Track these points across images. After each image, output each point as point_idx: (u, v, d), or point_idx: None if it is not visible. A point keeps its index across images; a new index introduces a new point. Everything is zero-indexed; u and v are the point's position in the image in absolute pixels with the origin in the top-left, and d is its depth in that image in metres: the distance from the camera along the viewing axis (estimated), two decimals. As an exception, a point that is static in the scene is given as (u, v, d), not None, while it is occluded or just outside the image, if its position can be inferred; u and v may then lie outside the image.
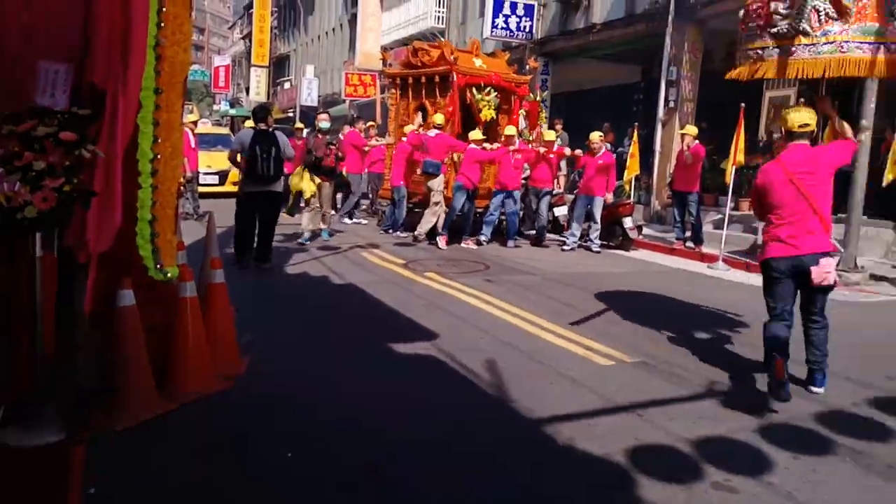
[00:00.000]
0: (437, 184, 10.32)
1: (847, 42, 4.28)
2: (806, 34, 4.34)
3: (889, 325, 6.46)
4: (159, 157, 3.10)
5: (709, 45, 13.08)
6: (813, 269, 4.08)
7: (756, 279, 8.25)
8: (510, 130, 10.68)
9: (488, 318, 6.10)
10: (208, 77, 50.97)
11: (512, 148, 10.44)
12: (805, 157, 4.24)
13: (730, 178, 9.50)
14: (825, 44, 4.31)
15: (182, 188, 11.37)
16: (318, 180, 9.39)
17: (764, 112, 12.55)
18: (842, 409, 4.11)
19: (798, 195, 4.19)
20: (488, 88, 11.27)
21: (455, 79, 10.84)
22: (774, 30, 4.42)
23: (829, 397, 4.28)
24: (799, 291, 4.32)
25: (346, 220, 12.60)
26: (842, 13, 4.23)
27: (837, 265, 4.24)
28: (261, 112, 7.93)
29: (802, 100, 5.94)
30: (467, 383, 4.43)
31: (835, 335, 4.47)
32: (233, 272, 7.11)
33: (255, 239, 7.92)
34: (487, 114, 11.28)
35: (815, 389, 4.34)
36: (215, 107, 53.93)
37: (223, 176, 14.99)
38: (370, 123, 13.89)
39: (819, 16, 4.28)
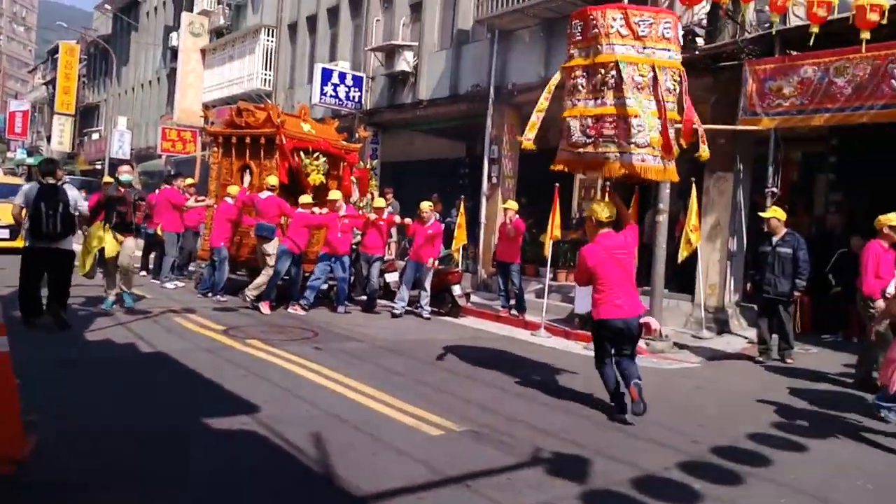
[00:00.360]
0: (271, 247, 9.95)
1: (667, 160, 5.74)
2: (653, 147, 5.62)
3: (691, 390, 6.98)
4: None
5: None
6: (650, 323, 5.61)
7: (574, 346, 8.84)
8: (335, 195, 10.59)
9: (314, 388, 5.83)
10: (2, 122, 46.54)
11: (341, 213, 10.37)
12: (616, 241, 5.60)
13: (548, 251, 10.14)
14: (661, 158, 5.68)
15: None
16: (120, 238, 8.38)
17: (576, 192, 13.56)
18: (654, 474, 4.31)
19: (619, 270, 5.49)
20: (317, 154, 11.18)
21: (283, 142, 10.63)
22: (634, 140, 5.57)
23: (643, 462, 4.49)
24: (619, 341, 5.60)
25: (169, 286, 11.51)
26: (665, 147, 5.63)
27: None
28: (47, 165, 7.56)
29: (609, 183, 6.73)
30: (290, 459, 4.14)
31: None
32: (24, 337, 6.36)
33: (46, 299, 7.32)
34: (316, 178, 11.13)
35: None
36: (9, 154, 49.25)
37: (14, 230, 13.36)
38: (189, 181, 13.09)
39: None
